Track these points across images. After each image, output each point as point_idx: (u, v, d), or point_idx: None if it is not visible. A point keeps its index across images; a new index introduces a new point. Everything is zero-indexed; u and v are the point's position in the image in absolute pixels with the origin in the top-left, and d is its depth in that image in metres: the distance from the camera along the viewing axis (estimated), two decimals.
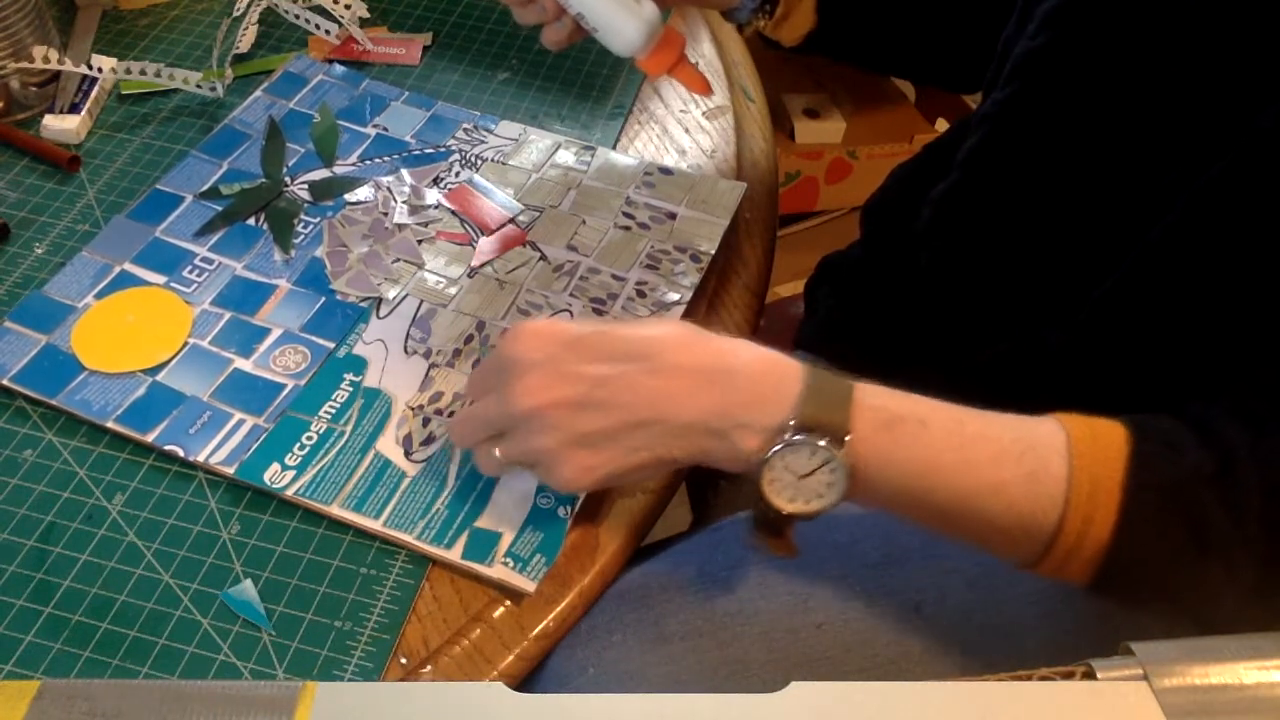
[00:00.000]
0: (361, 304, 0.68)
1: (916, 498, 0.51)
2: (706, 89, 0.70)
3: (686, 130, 0.84)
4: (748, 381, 0.51)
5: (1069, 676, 0.38)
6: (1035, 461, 0.49)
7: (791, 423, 0.49)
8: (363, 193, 0.75)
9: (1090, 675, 0.38)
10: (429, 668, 0.53)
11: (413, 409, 0.62)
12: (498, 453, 0.55)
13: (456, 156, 0.79)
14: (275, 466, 0.59)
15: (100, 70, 0.80)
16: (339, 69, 0.85)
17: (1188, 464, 0.49)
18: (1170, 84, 0.55)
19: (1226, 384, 0.51)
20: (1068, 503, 0.48)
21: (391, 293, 0.69)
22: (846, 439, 0.49)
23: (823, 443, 0.49)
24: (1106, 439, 0.50)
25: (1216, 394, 0.51)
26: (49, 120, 0.78)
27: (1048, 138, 0.62)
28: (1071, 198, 0.61)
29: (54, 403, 0.61)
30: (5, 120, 0.79)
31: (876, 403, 0.50)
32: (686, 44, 0.69)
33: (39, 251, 0.70)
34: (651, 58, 0.68)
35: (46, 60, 0.78)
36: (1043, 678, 0.38)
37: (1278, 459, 0.48)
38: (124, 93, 0.82)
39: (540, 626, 0.55)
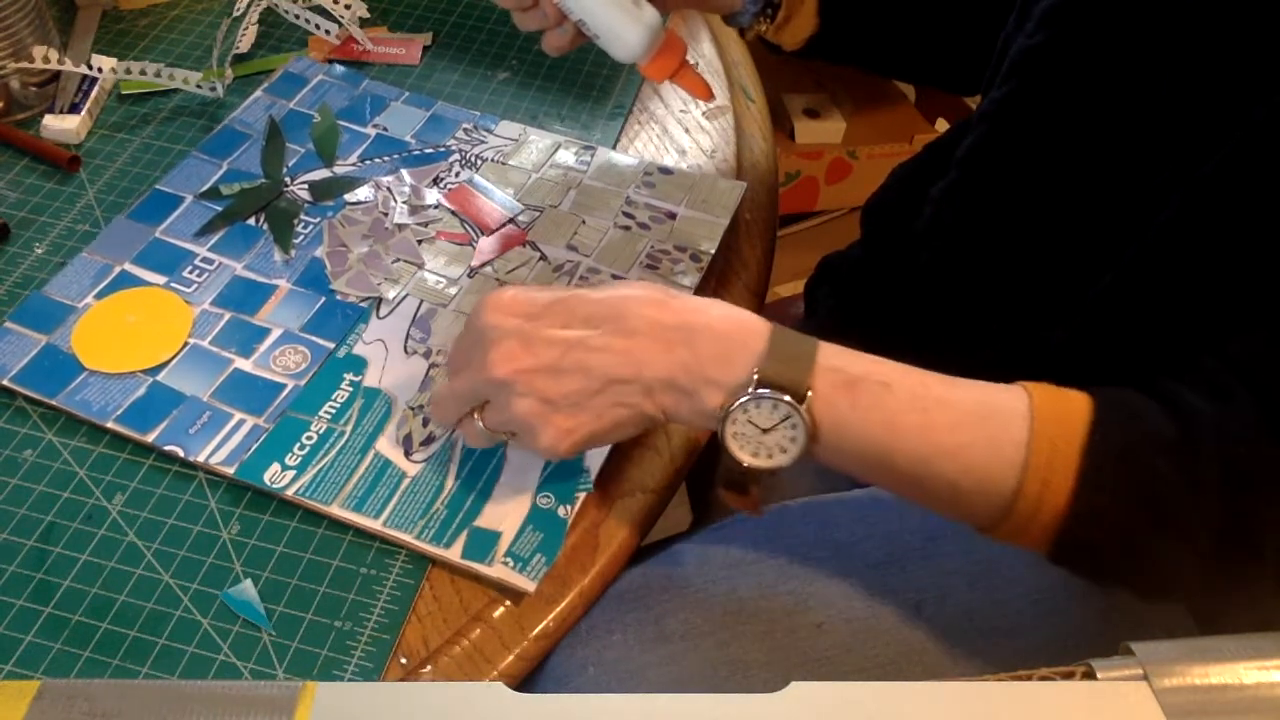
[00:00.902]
0: (361, 304, 0.68)
1: (876, 458, 0.51)
2: (709, 94, 0.70)
3: (686, 130, 0.84)
4: (714, 339, 0.52)
5: (1069, 676, 0.38)
6: (996, 426, 0.50)
7: (754, 378, 0.50)
8: (363, 193, 0.75)
9: (1090, 675, 0.38)
10: (429, 668, 0.53)
11: (413, 409, 0.62)
12: (480, 424, 0.56)
13: (456, 156, 0.79)
14: (275, 466, 0.59)
15: (100, 70, 0.80)
16: (339, 69, 0.85)
17: (1147, 430, 0.49)
18: (1167, 81, 0.55)
19: (1195, 358, 0.52)
20: (1026, 466, 0.49)
21: (391, 293, 0.69)
22: (807, 396, 0.50)
23: (785, 398, 0.50)
24: (1069, 406, 0.50)
25: (1186, 368, 0.51)
26: (49, 120, 0.78)
27: (1045, 135, 0.62)
28: (1069, 195, 0.61)
29: (54, 403, 0.61)
30: (5, 120, 0.79)
31: (838, 363, 0.51)
32: (688, 49, 0.69)
33: (39, 251, 0.71)
34: (653, 63, 0.68)
35: (46, 60, 0.78)
36: (1043, 678, 0.38)
37: (1239, 430, 0.49)
38: (124, 93, 0.82)
39: (540, 626, 0.55)
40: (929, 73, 0.84)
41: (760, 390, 0.50)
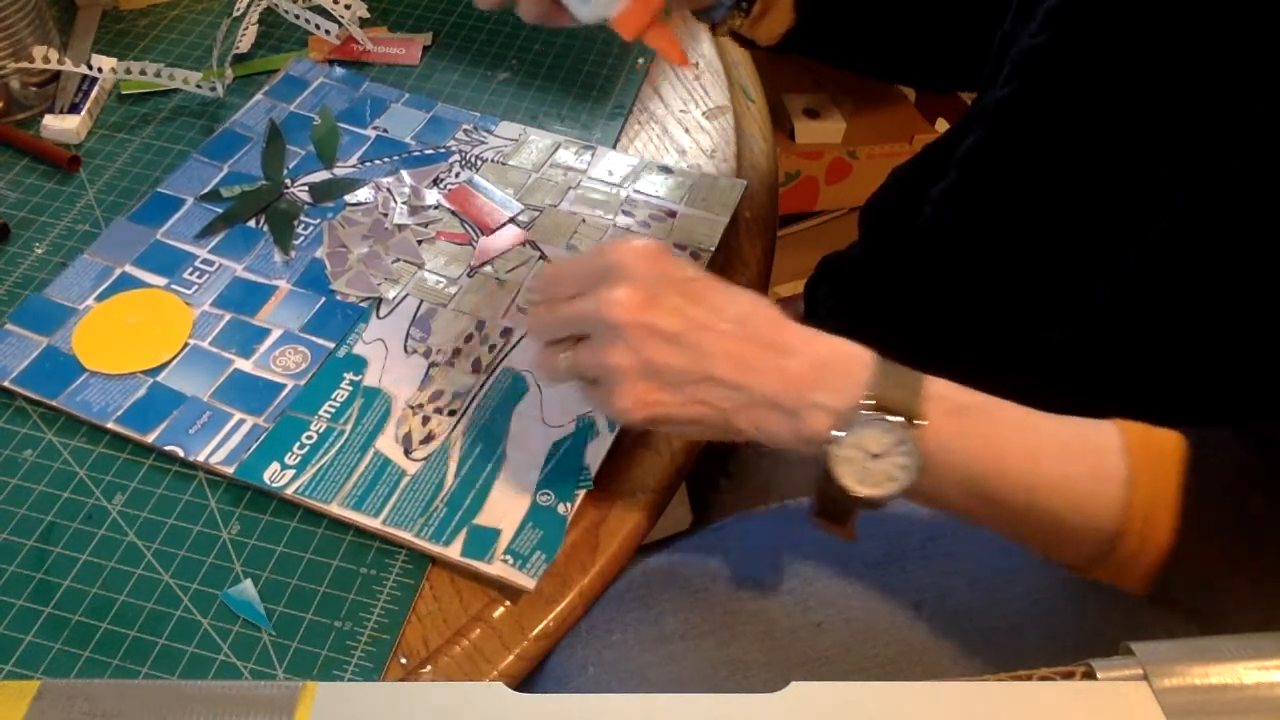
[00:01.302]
0: (361, 304, 0.68)
1: (982, 489, 0.50)
2: (683, 57, 0.66)
3: (686, 130, 0.84)
4: (821, 361, 0.51)
5: (1069, 676, 0.38)
6: (1098, 459, 0.49)
7: (864, 403, 0.49)
8: (363, 194, 0.75)
9: (1090, 675, 0.38)
10: (429, 668, 0.53)
11: (412, 408, 0.62)
12: (567, 358, 0.54)
13: (456, 157, 0.79)
14: (275, 466, 0.59)
15: (100, 70, 0.80)
16: (339, 71, 0.85)
17: (1240, 467, 0.49)
18: (1171, 83, 0.55)
19: (1245, 380, 0.51)
20: (1129, 504, 0.48)
21: (391, 293, 0.69)
22: (919, 423, 0.49)
23: (897, 419, 0.49)
24: (1162, 443, 0.49)
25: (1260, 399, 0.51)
26: (49, 120, 0.78)
27: (1048, 136, 0.62)
28: (1071, 196, 0.61)
29: (55, 404, 0.61)
30: (5, 120, 0.79)
31: (946, 392, 0.51)
32: (666, 21, 0.65)
33: (39, 252, 0.71)
34: (625, 14, 0.62)
35: (46, 60, 0.78)
36: (1043, 678, 0.38)
37: None
38: (124, 93, 0.82)
39: (540, 626, 0.55)
40: (908, 70, 0.82)
41: (873, 413, 0.49)
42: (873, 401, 0.49)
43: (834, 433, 0.49)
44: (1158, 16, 0.56)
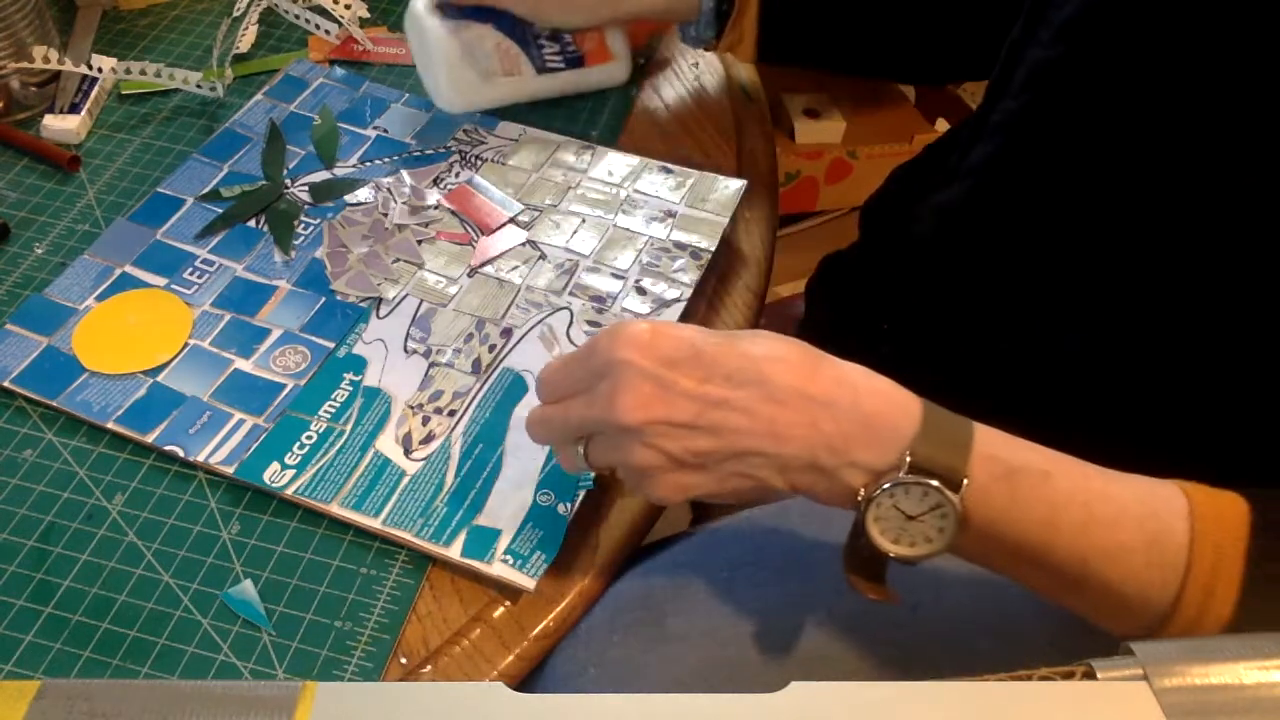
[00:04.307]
0: (361, 304, 0.68)
1: (1030, 554, 0.48)
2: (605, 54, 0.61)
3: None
4: (861, 416, 0.48)
5: (1069, 676, 0.38)
6: (1158, 526, 0.47)
7: (905, 461, 0.47)
8: (363, 194, 0.75)
9: (1090, 675, 0.38)
10: (429, 668, 0.53)
11: (412, 408, 0.62)
12: (581, 454, 0.52)
13: (456, 157, 0.79)
14: (275, 466, 0.59)
15: (100, 70, 0.80)
16: (339, 72, 0.85)
17: None
18: (1189, 97, 0.55)
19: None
20: (1189, 572, 0.46)
21: (391, 293, 0.69)
22: (963, 484, 0.47)
23: (934, 483, 0.47)
24: (1228, 507, 0.47)
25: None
26: (49, 120, 0.78)
27: (1064, 150, 0.61)
28: (1086, 211, 0.60)
29: (55, 404, 0.61)
30: (5, 120, 0.79)
31: (996, 451, 0.48)
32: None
33: (39, 252, 0.71)
34: None
35: (46, 60, 0.78)
36: (1043, 678, 0.38)
37: None
38: (124, 93, 0.82)
39: (540, 626, 0.55)
40: (893, 67, 0.79)
41: (910, 476, 0.47)
42: (913, 461, 0.47)
43: (869, 493, 0.47)
44: (1176, 32, 0.55)
